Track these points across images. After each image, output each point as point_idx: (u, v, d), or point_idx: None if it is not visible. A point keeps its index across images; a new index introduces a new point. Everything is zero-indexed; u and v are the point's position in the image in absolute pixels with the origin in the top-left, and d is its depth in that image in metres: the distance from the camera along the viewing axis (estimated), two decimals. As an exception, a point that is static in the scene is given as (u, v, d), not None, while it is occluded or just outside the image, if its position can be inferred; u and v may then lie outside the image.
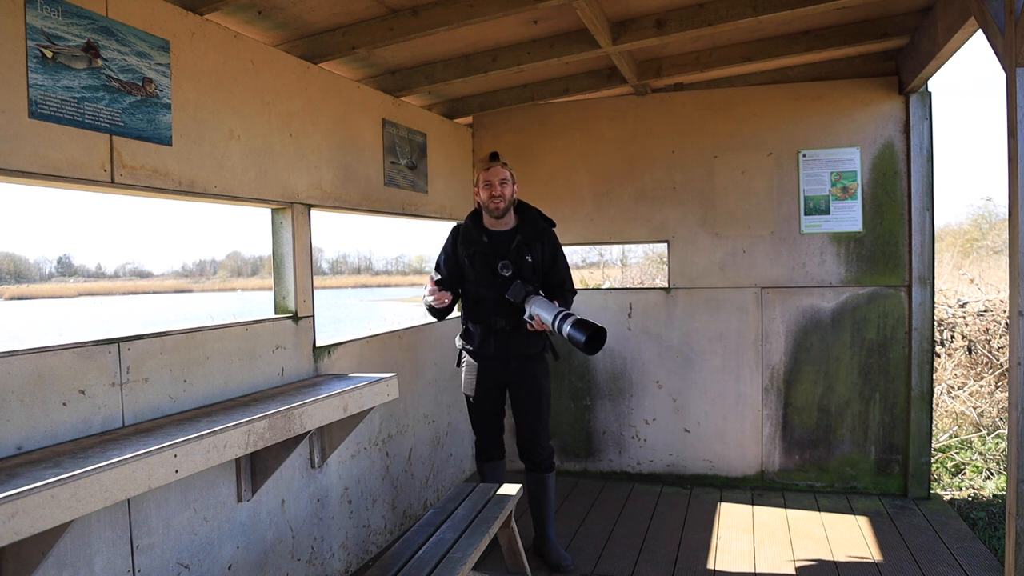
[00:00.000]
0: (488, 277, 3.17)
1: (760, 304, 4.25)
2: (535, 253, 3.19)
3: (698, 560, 3.31)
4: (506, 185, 3.17)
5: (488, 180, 3.17)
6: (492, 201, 3.16)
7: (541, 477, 3.30)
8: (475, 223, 3.27)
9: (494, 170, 3.16)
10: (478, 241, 3.20)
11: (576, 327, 2.77)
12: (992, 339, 6.16)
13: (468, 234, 3.24)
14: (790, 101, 4.18)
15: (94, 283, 75.56)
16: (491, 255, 3.17)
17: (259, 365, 2.69)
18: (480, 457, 3.42)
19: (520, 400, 3.27)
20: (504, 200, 3.17)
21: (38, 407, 1.86)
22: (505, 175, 3.17)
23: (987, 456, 5.03)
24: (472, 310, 3.26)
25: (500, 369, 3.25)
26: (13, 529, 1.40)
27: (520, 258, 3.16)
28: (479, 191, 3.21)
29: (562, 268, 3.29)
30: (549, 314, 2.90)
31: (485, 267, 3.17)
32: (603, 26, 3.14)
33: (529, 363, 3.25)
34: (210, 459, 1.92)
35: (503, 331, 3.18)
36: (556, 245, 3.29)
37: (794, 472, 4.26)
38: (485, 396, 3.29)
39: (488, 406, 3.31)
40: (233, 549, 2.51)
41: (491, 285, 3.16)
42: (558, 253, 3.29)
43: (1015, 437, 2.39)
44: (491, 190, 3.16)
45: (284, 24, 2.87)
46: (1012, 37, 2.29)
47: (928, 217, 3.99)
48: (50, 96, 1.91)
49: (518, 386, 3.26)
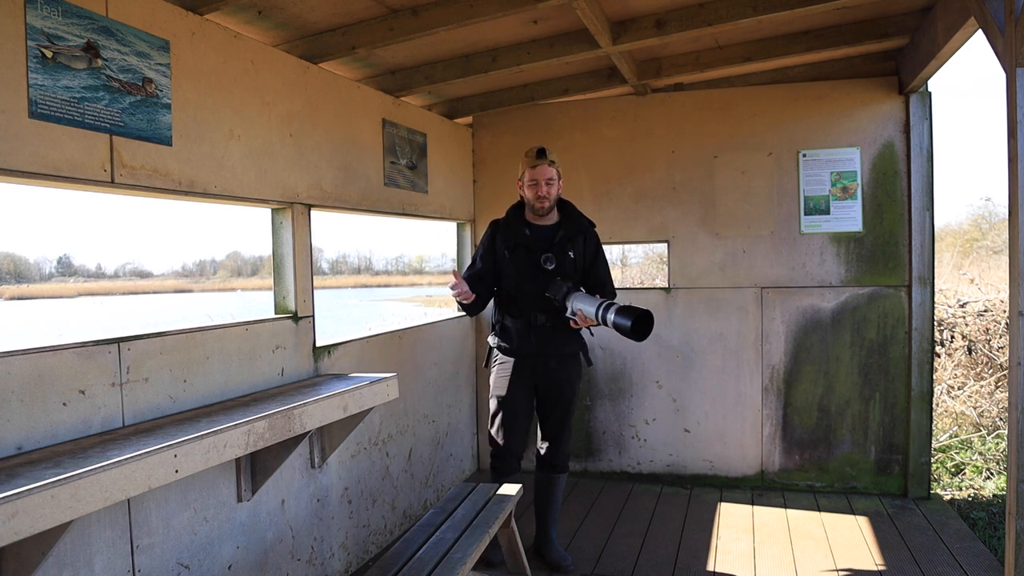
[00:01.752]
0: (529, 271, 3.10)
1: (760, 304, 4.25)
2: (577, 249, 3.14)
3: (698, 560, 3.31)
4: (552, 185, 3.11)
5: (535, 179, 3.10)
6: (538, 201, 3.10)
7: (554, 477, 3.26)
8: (517, 217, 3.20)
9: (541, 169, 3.09)
10: (520, 234, 3.14)
11: (621, 314, 2.74)
12: (992, 339, 6.16)
13: (509, 227, 3.18)
14: (790, 101, 4.18)
15: (94, 283, 75.53)
16: (533, 249, 3.11)
17: (259, 365, 2.69)
18: (499, 469, 3.22)
19: (550, 401, 3.20)
20: (550, 200, 3.12)
21: (38, 407, 1.86)
22: (552, 175, 3.10)
23: (987, 456, 5.03)
24: (511, 306, 3.17)
25: (537, 369, 3.16)
26: (13, 529, 1.40)
27: (563, 253, 3.11)
28: (524, 187, 3.14)
29: (603, 267, 3.24)
30: (591, 306, 2.85)
31: (526, 261, 3.11)
32: (603, 26, 3.14)
33: (567, 363, 3.18)
34: (210, 459, 1.92)
35: (544, 327, 3.11)
36: (598, 243, 3.25)
37: (794, 472, 4.26)
38: (518, 398, 3.17)
39: (520, 409, 3.18)
40: (233, 549, 2.51)
41: (532, 279, 3.09)
42: (599, 252, 3.24)
43: (1015, 437, 2.39)
44: (537, 189, 3.10)
45: (284, 24, 2.87)
46: (1012, 37, 2.29)
47: (928, 217, 3.99)
48: (50, 96, 1.91)
49: (551, 387, 3.18)
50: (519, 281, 3.11)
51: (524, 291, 3.11)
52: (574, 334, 3.15)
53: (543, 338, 3.12)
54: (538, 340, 3.12)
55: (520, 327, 3.14)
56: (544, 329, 3.11)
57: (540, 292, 3.05)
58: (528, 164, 3.11)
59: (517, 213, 3.22)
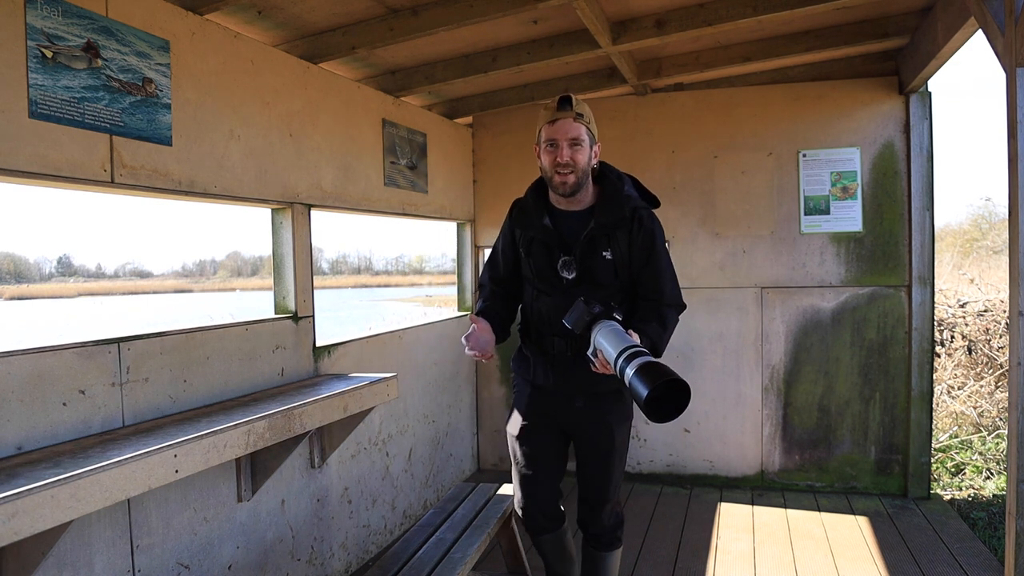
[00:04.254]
0: (548, 277, 2.18)
1: (760, 304, 4.25)
2: (617, 246, 2.13)
3: (698, 560, 3.31)
4: (579, 148, 2.08)
5: (552, 139, 2.08)
6: (558, 173, 2.09)
7: (599, 556, 2.40)
8: (537, 198, 2.23)
9: (563, 124, 2.07)
10: (538, 225, 2.18)
11: (641, 374, 1.67)
12: (992, 339, 6.16)
13: (526, 212, 2.23)
14: (790, 101, 4.18)
15: (94, 283, 75.56)
16: (553, 247, 2.16)
17: (259, 365, 2.69)
18: (532, 529, 2.42)
19: (583, 453, 2.32)
20: (576, 172, 2.09)
21: (38, 407, 1.86)
22: (579, 133, 2.08)
23: (987, 456, 5.03)
24: (529, 320, 2.29)
25: (560, 408, 2.27)
26: (13, 529, 1.40)
27: (592, 255, 2.13)
28: (540, 153, 2.14)
29: (659, 272, 2.18)
30: (614, 349, 1.82)
31: (545, 264, 2.18)
32: (603, 26, 3.14)
33: (602, 404, 2.24)
34: (210, 459, 1.92)
35: (562, 357, 2.19)
36: (653, 235, 2.18)
37: (794, 472, 4.26)
38: (535, 439, 2.30)
39: (539, 454, 2.31)
40: (233, 549, 2.51)
41: (551, 290, 2.17)
42: (654, 247, 2.17)
43: (1015, 437, 2.39)
44: (555, 154, 2.08)
45: (284, 24, 2.87)
46: (1012, 37, 2.29)
47: (928, 217, 3.99)
48: (50, 96, 1.91)
49: (582, 435, 2.29)
50: (537, 291, 2.23)
51: (541, 306, 2.22)
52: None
53: (563, 371, 2.21)
54: (557, 374, 2.22)
55: (534, 354, 2.28)
56: (563, 360, 2.20)
57: (558, 309, 2.11)
58: (546, 117, 2.11)
59: (537, 194, 2.25)
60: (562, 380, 2.21)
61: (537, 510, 2.38)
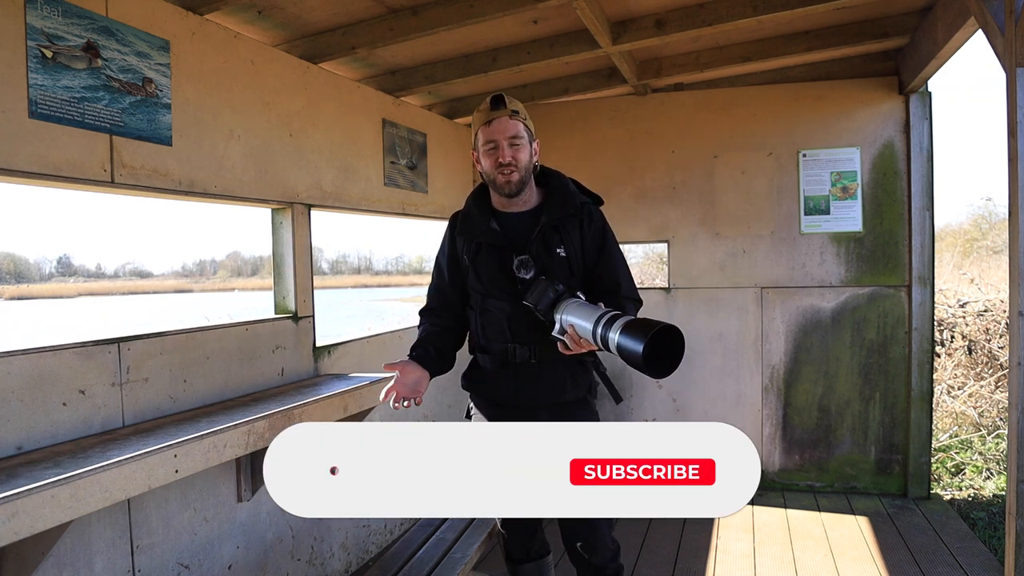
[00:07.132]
0: (500, 282, 2.09)
1: (760, 304, 4.25)
2: (570, 242, 2.11)
3: (698, 560, 3.31)
4: (520, 147, 2.04)
5: (491, 140, 2.03)
6: (500, 173, 2.04)
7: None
8: (480, 204, 2.18)
9: (500, 124, 2.03)
10: (484, 229, 2.12)
11: (628, 332, 1.65)
12: (992, 339, 6.16)
13: (470, 219, 2.17)
14: (790, 101, 4.18)
15: (94, 283, 75.58)
16: (504, 249, 2.09)
17: (259, 365, 2.69)
18: (513, 557, 2.31)
19: None
20: (518, 170, 2.05)
21: (38, 407, 1.86)
22: (518, 130, 2.04)
23: (987, 456, 5.03)
24: (479, 334, 2.21)
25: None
26: (13, 529, 1.40)
27: (546, 251, 2.08)
28: (479, 157, 2.10)
29: (614, 265, 2.17)
30: (588, 320, 1.80)
31: (496, 268, 2.10)
32: (603, 26, 3.14)
33: (568, 414, 2.14)
34: (210, 459, 1.92)
35: (526, 366, 2.12)
36: (603, 227, 2.20)
37: (794, 472, 4.26)
38: None
39: None
40: (233, 549, 2.51)
41: (505, 294, 2.09)
42: (606, 240, 2.19)
43: (1015, 437, 2.39)
44: (497, 155, 2.03)
45: (284, 24, 2.87)
46: (1012, 37, 2.29)
47: (928, 217, 3.99)
48: (50, 96, 1.91)
49: None
50: (486, 297, 2.14)
51: (494, 312, 2.12)
52: (578, 368, 2.16)
53: (525, 381, 2.13)
54: (518, 384, 2.14)
55: (493, 366, 2.18)
56: (527, 368, 2.12)
57: (517, 312, 2.05)
58: (481, 120, 2.06)
59: (480, 200, 2.19)
60: (524, 391, 2.14)
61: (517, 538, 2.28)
